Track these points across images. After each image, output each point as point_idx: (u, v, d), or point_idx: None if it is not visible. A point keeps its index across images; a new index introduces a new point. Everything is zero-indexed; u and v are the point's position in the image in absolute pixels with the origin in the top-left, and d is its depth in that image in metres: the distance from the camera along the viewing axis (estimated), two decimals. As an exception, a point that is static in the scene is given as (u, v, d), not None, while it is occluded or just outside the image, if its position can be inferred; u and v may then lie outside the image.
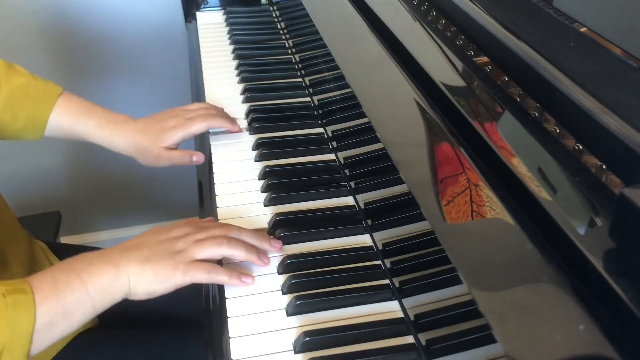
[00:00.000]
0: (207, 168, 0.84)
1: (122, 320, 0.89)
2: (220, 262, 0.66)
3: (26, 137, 0.84)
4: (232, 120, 0.89)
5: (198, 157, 0.84)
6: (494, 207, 0.47)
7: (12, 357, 0.54)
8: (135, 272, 0.60)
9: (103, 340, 0.83)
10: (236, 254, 0.64)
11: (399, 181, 0.62)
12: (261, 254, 0.66)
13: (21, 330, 0.55)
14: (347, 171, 0.79)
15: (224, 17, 1.28)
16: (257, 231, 0.69)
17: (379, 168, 0.70)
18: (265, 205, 0.76)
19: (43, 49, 1.46)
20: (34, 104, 0.81)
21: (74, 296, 0.58)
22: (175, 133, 0.83)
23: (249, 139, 0.89)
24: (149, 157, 0.83)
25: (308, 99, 0.97)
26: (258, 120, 0.92)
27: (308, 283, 0.64)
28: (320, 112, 0.93)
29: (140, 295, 0.61)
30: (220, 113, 0.89)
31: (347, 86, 0.78)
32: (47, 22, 1.43)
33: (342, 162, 0.81)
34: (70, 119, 0.83)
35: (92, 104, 0.85)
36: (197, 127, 0.84)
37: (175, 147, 0.84)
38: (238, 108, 0.96)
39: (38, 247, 0.92)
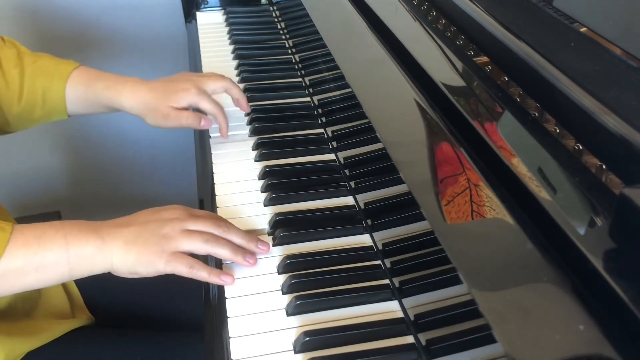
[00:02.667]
0: (207, 168, 0.84)
1: (120, 320, 0.89)
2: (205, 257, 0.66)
3: (54, 117, 0.86)
4: (243, 110, 0.90)
5: (206, 122, 0.84)
6: (494, 207, 0.47)
7: None
8: (120, 251, 0.61)
9: (101, 340, 0.83)
10: (221, 253, 0.64)
11: (399, 181, 0.62)
12: (247, 254, 0.66)
13: None
14: (347, 171, 0.79)
15: (224, 17, 1.28)
16: (246, 232, 0.69)
17: (379, 168, 0.70)
18: (265, 205, 0.76)
19: (42, 49, 1.46)
20: (49, 81, 0.83)
21: (53, 253, 0.59)
22: (186, 96, 0.82)
23: (249, 139, 0.89)
24: (157, 115, 0.82)
25: (308, 99, 0.97)
26: (258, 120, 0.92)
27: (308, 283, 0.64)
28: (320, 112, 0.93)
29: (124, 274, 0.62)
30: (236, 85, 0.89)
31: (347, 86, 0.78)
32: (46, 22, 1.43)
33: (342, 162, 0.81)
34: (82, 86, 0.84)
35: (104, 72, 0.86)
36: (208, 106, 0.84)
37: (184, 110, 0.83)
38: (238, 108, 0.95)
39: None
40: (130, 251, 0.61)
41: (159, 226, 0.63)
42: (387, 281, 0.64)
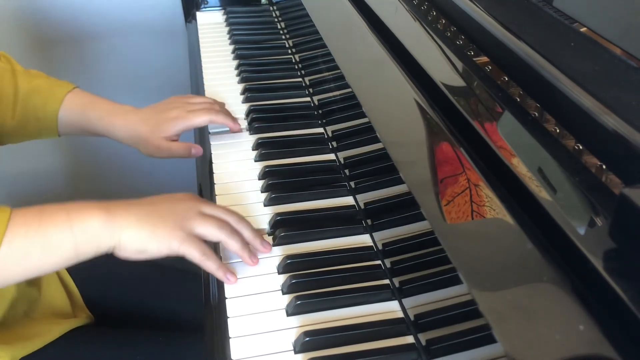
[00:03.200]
0: (207, 168, 0.84)
1: (120, 320, 0.89)
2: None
3: (45, 135, 0.86)
4: (234, 119, 0.89)
5: (197, 150, 0.84)
6: (494, 207, 0.47)
7: None
8: (132, 226, 0.59)
9: (100, 340, 0.83)
10: (232, 245, 0.64)
11: (399, 181, 0.62)
12: (252, 255, 0.66)
13: None
14: (347, 171, 0.79)
15: (224, 17, 1.28)
16: (254, 229, 0.69)
17: (379, 168, 0.70)
18: (265, 205, 0.76)
19: (42, 50, 1.46)
20: (43, 102, 0.83)
21: (56, 230, 0.56)
22: (176, 124, 0.83)
23: (249, 139, 0.89)
24: (149, 146, 0.83)
25: (308, 99, 0.97)
26: (258, 120, 0.92)
27: (308, 283, 0.64)
28: (320, 112, 0.93)
29: (130, 252, 0.59)
30: (223, 109, 0.89)
31: (347, 86, 0.78)
32: (46, 22, 1.43)
33: (342, 162, 0.81)
34: (75, 113, 0.84)
35: (98, 97, 0.86)
36: (199, 120, 0.84)
37: (176, 138, 0.84)
38: (238, 108, 0.96)
39: None
40: (143, 227, 0.59)
41: (174, 205, 0.62)
42: (387, 281, 0.64)
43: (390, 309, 0.62)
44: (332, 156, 0.84)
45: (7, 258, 0.55)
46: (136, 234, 0.59)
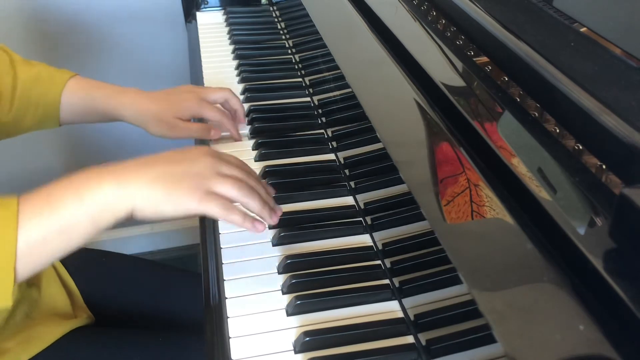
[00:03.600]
0: (207, 168, 0.84)
1: (120, 320, 0.89)
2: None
3: (45, 125, 0.85)
4: (238, 126, 0.89)
5: (215, 132, 0.84)
6: (494, 207, 0.47)
7: None
8: (143, 189, 0.55)
9: (100, 340, 0.83)
10: (251, 204, 0.61)
11: (399, 181, 0.62)
12: (272, 211, 0.63)
13: (3, 245, 0.51)
14: (347, 171, 0.79)
15: (224, 17, 1.28)
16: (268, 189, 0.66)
17: (379, 168, 0.70)
18: (265, 205, 0.76)
19: (42, 51, 1.46)
20: (44, 89, 0.82)
21: (69, 212, 0.54)
22: (190, 108, 0.82)
23: (249, 139, 0.89)
24: (163, 126, 0.81)
25: (308, 99, 0.97)
26: (258, 120, 0.92)
27: (308, 283, 0.64)
28: (320, 112, 0.93)
29: (148, 215, 0.56)
30: (232, 111, 0.89)
31: (347, 86, 0.78)
32: (46, 23, 1.43)
33: (342, 162, 0.81)
34: (80, 95, 0.83)
35: (104, 82, 0.85)
36: (212, 114, 0.84)
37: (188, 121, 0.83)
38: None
39: None
40: (156, 188, 0.55)
41: (190, 164, 0.58)
42: (387, 281, 0.64)
43: (390, 309, 0.62)
44: (332, 156, 0.84)
45: (28, 250, 0.53)
46: (149, 196, 0.55)
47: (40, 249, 0.54)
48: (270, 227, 0.72)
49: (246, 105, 0.96)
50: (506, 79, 0.56)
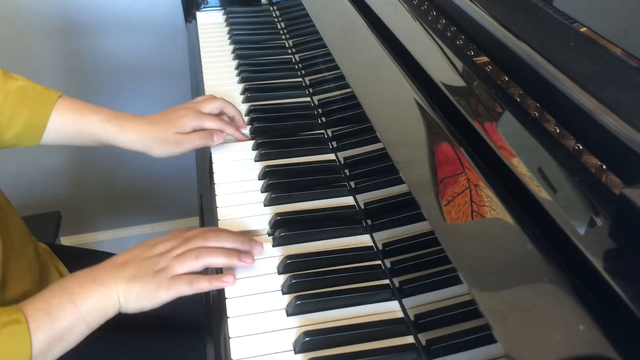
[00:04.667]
0: (207, 168, 0.84)
1: (121, 323, 0.89)
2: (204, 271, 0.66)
3: (23, 143, 0.82)
4: (239, 129, 0.89)
5: (218, 137, 0.84)
6: (494, 207, 0.47)
7: None
8: (124, 290, 0.62)
9: (102, 343, 0.82)
10: (216, 261, 0.65)
11: (399, 181, 0.62)
12: (242, 254, 0.66)
13: None
14: (347, 171, 0.79)
15: (224, 17, 1.28)
16: (238, 233, 0.69)
17: (379, 168, 0.70)
18: (265, 205, 0.76)
19: (42, 49, 1.46)
20: (32, 106, 0.80)
21: (67, 319, 0.60)
22: (188, 121, 0.82)
23: (249, 139, 0.89)
24: (167, 144, 0.82)
25: (308, 99, 0.97)
26: (258, 120, 0.92)
27: (308, 283, 0.64)
28: (320, 112, 0.93)
29: (132, 310, 0.64)
30: (229, 117, 0.89)
31: (347, 86, 0.78)
32: (46, 22, 1.43)
33: (342, 162, 0.81)
34: (73, 116, 0.81)
35: (93, 104, 0.84)
36: (211, 124, 0.84)
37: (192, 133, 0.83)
38: (238, 108, 0.96)
39: (42, 250, 0.92)
40: (132, 289, 0.62)
41: (154, 262, 0.64)
42: (387, 281, 0.64)
43: (390, 309, 0.62)
44: (332, 156, 0.84)
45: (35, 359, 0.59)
46: (129, 297, 0.62)
47: (44, 356, 0.60)
48: (271, 227, 0.72)
49: (246, 105, 0.96)
50: (506, 79, 0.56)
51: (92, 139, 0.83)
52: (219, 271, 0.67)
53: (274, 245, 0.70)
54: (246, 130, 0.90)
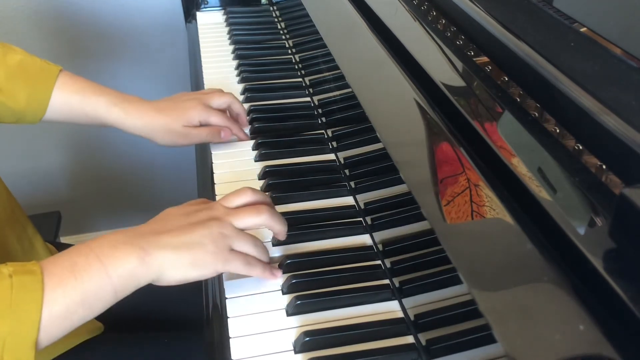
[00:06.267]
0: (207, 168, 0.84)
1: (121, 323, 0.89)
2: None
3: (25, 120, 0.80)
4: (242, 127, 0.89)
5: (226, 133, 0.84)
6: (494, 207, 0.47)
7: (17, 348, 0.49)
8: (170, 259, 0.56)
9: (102, 343, 0.83)
10: (264, 257, 0.64)
11: (399, 181, 0.62)
12: (273, 269, 0.65)
13: (27, 317, 0.50)
14: (347, 171, 0.79)
15: (224, 17, 1.28)
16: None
17: (379, 168, 0.70)
18: (265, 205, 0.76)
19: (41, 49, 1.46)
20: (33, 81, 0.78)
21: (93, 282, 0.53)
22: (197, 114, 0.82)
23: (249, 139, 0.89)
24: (174, 136, 0.81)
25: (308, 99, 0.97)
26: (258, 120, 0.92)
27: (308, 283, 0.64)
28: (320, 112, 0.93)
29: (173, 282, 0.58)
30: (234, 114, 0.88)
31: (347, 86, 0.78)
32: (46, 22, 1.43)
33: (342, 162, 0.81)
34: (78, 96, 0.79)
35: (96, 83, 0.82)
36: (218, 120, 0.84)
37: (201, 127, 0.83)
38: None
39: (47, 248, 0.92)
40: (182, 257, 0.56)
41: (204, 226, 0.59)
42: (387, 281, 0.64)
43: (390, 309, 0.62)
44: (332, 156, 0.84)
45: (50, 322, 0.51)
46: (175, 266, 0.57)
47: (62, 321, 0.52)
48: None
49: (246, 105, 0.96)
50: (506, 79, 0.56)
51: (97, 121, 0.81)
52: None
53: (274, 245, 0.70)
54: (247, 130, 0.90)
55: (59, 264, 0.53)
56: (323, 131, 0.89)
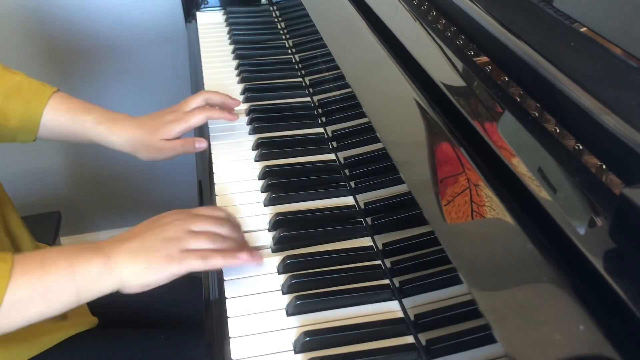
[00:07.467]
0: (207, 168, 0.84)
1: (121, 320, 0.89)
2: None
3: (20, 138, 0.82)
4: (230, 111, 0.89)
5: (201, 143, 0.84)
6: (494, 207, 0.47)
7: None
8: (127, 263, 0.59)
9: (101, 340, 0.83)
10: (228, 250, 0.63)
11: (399, 181, 0.62)
12: (252, 251, 0.65)
13: None
14: (347, 171, 0.79)
15: (224, 17, 1.28)
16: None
17: (379, 168, 0.70)
18: (265, 205, 0.76)
19: (42, 49, 1.46)
20: (27, 101, 0.80)
21: (58, 277, 0.56)
22: (174, 126, 0.82)
23: (249, 139, 0.89)
24: (151, 150, 0.82)
25: (308, 99, 0.97)
26: (258, 120, 0.92)
27: (308, 283, 0.64)
28: (320, 112, 0.93)
29: (134, 288, 0.60)
30: (217, 104, 0.88)
31: (347, 86, 0.78)
32: (46, 22, 1.43)
33: (342, 162, 0.81)
34: (68, 115, 0.81)
35: (88, 103, 0.84)
36: (196, 119, 0.84)
37: (177, 139, 0.83)
38: (238, 108, 0.95)
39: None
40: (137, 262, 0.59)
41: (161, 231, 0.62)
42: (387, 281, 0.64)
43: (390, 309, 0.62)
44: (332, 156, 0.84)
45: (10, 307, 0.55)
46: (133, 271, 0.59)
47: (21, 310, 0.56)
48: (271, 227, 0.72)
49: (246, 105, 0.96)
50: (506, 79, 0.56)
51: (85, 139, 0.83)
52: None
53: (273, 250, 0.70)
54: (245, 130, 0.90)
55: (32, 257, 0.58)
56: (323, 131, 0.89)
